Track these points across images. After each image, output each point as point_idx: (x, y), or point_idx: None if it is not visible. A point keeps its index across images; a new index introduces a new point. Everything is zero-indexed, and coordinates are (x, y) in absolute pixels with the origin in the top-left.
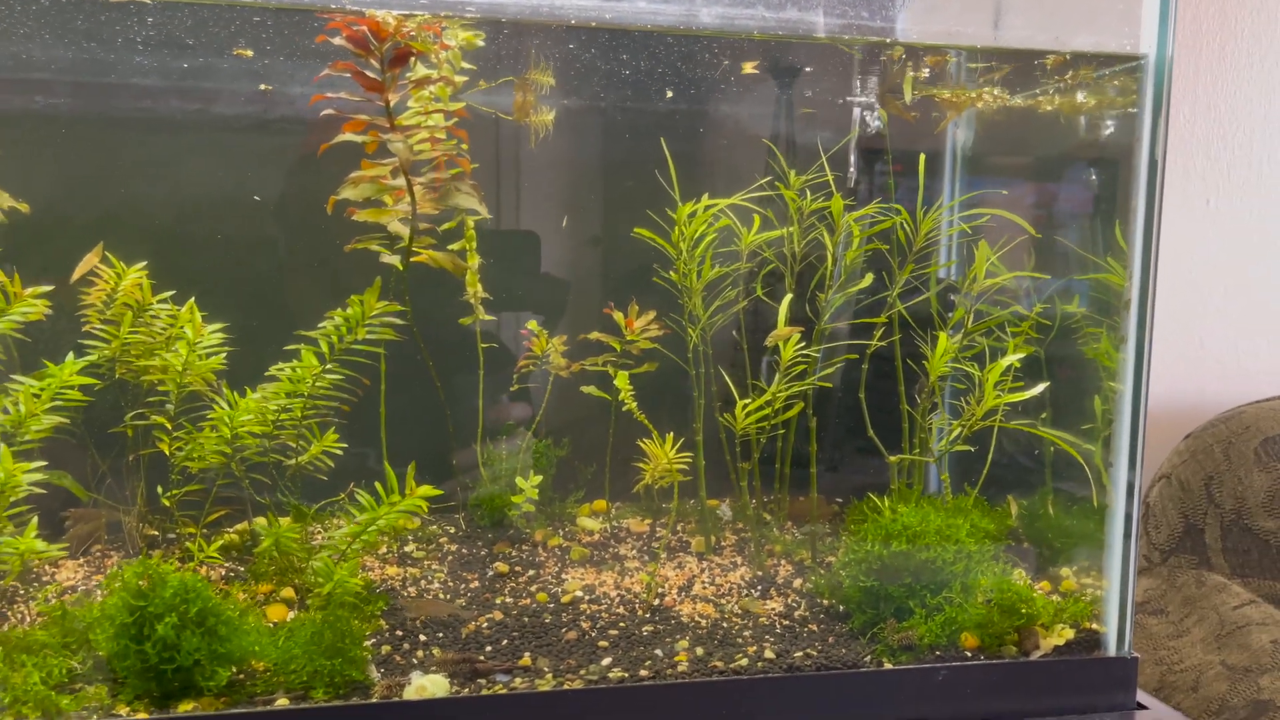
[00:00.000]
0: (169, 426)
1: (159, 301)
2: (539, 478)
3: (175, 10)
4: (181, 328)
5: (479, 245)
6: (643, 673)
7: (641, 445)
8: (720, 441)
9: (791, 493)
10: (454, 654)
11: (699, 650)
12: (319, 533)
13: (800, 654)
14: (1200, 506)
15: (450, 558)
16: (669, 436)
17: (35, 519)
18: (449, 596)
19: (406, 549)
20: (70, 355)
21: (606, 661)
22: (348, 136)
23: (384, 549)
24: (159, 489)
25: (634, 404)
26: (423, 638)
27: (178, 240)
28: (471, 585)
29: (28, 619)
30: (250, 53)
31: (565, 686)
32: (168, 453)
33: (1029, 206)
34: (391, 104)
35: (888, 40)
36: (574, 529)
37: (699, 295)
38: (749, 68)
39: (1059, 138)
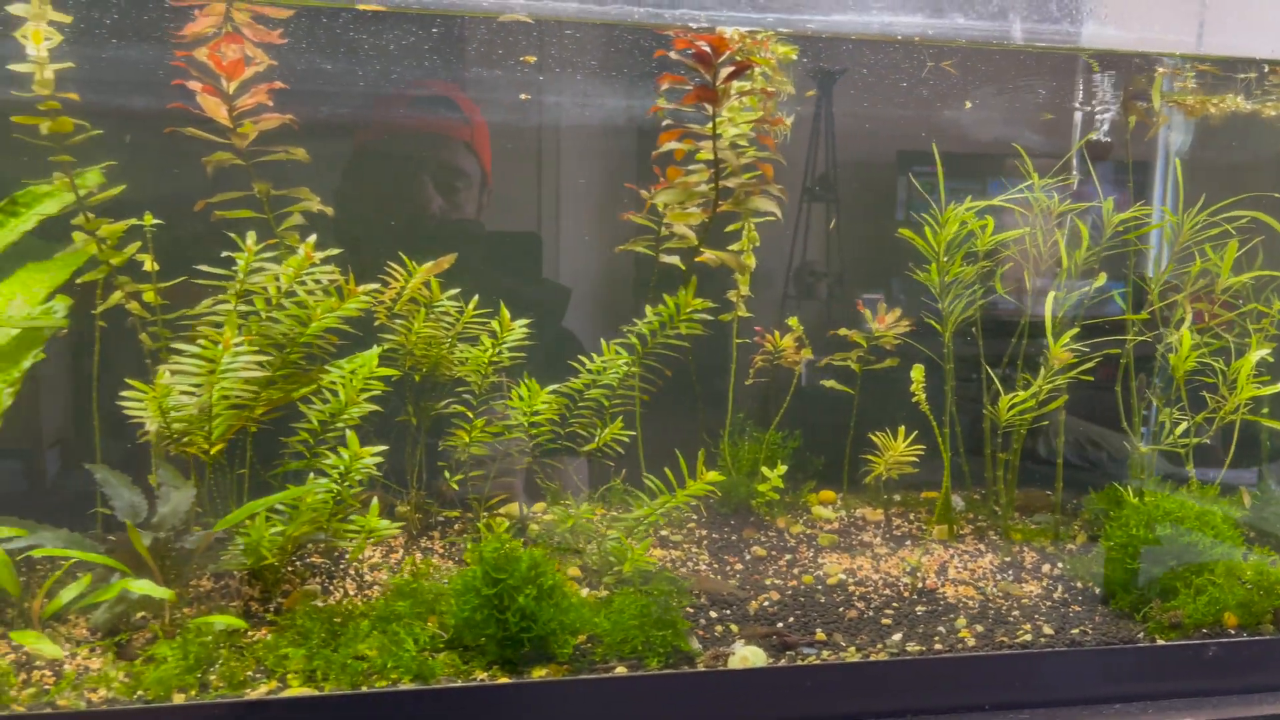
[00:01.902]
0: (470, 415)
1: (448, 298)
2: (783, 468)
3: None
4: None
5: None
6: (938, 646)
7: (873, 438)
8: (955, 434)
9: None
10: (762, 628)
11: (978, 628)
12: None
13: (1077, 630)
14: None
15: (704, 542)
16: (900, 430)
17: (376, 500)
18: (719, 577)
19: (662, 533)
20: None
21: (897, 637)
22: (672, 145)
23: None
24: (445, 474)
25: (923, 396)
26: (713, 614)
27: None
28: (735, 567)
29: (349, 592)
30: (533, 58)
31: (872, 658)
32: (467, 440)
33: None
34: (718, 114)
35: (1115, 49)
36: (810, 517)
37: (952, 293)
38: (949, 66)
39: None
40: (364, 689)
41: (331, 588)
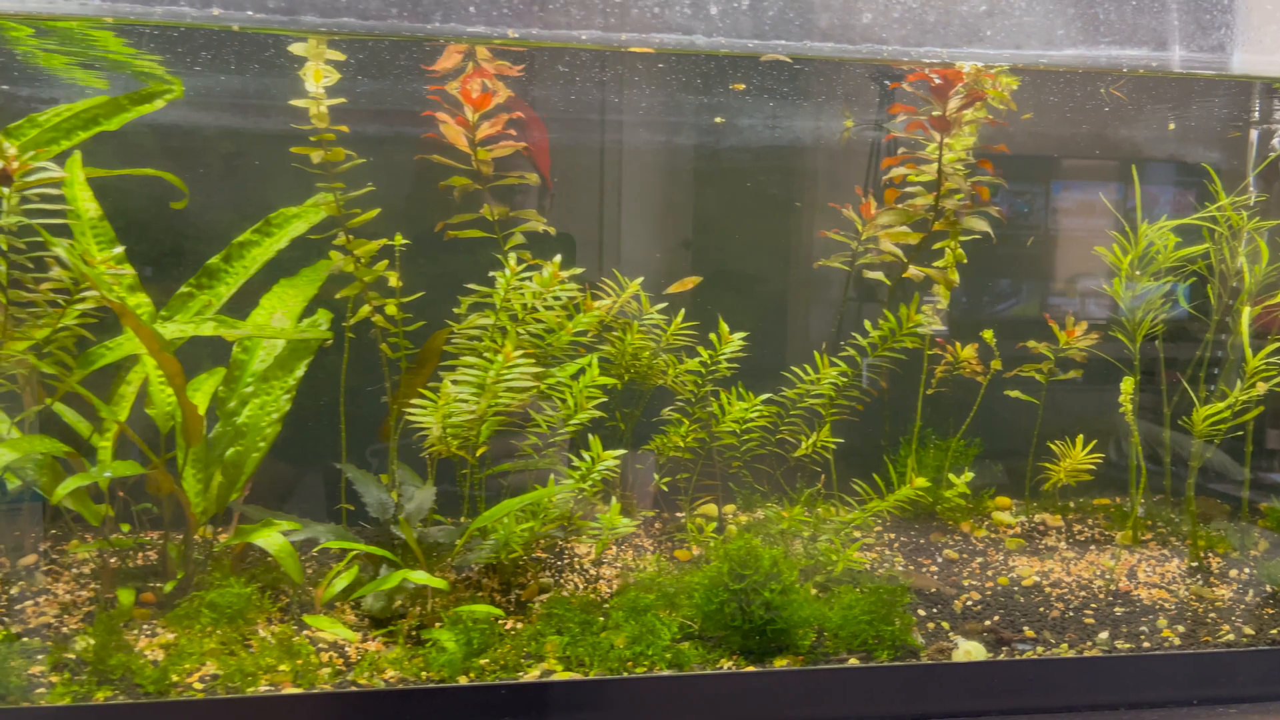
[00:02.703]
0: (686, 422)
1: (657, 311)
2: (970, 475)
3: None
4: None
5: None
6: (1145, 645)
7: (1052, 446)
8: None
9: (1175, 493)
10: (977, 624)
11: (1179, 628)
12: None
13: (1275, 631)
14: None
15: (894, 544)
16: (1079, 438)
17: (616, 499)
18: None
19: (853, 535)
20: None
21: (1104, 635)
22: (898, 171)
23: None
24: (655, 476)
25: (1130, 407)
26: (922, 611)
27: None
28: (930, 569)
29: (578, 585)
30: (743, 86)
31: (1086, 654)
32: (681, 445)
33: None
34: (945, 140)
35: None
36: (991, 522)
37: (1138, 309)
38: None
39: None
40: (624, 674)
41: (561, 581)
